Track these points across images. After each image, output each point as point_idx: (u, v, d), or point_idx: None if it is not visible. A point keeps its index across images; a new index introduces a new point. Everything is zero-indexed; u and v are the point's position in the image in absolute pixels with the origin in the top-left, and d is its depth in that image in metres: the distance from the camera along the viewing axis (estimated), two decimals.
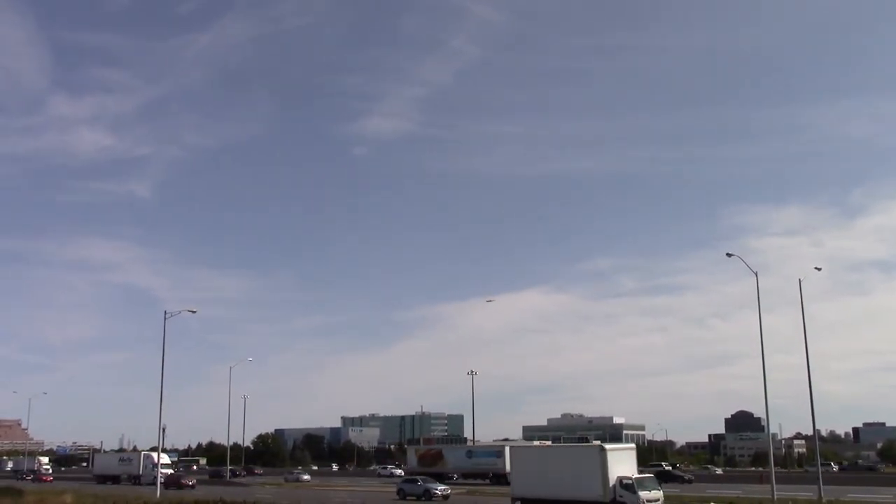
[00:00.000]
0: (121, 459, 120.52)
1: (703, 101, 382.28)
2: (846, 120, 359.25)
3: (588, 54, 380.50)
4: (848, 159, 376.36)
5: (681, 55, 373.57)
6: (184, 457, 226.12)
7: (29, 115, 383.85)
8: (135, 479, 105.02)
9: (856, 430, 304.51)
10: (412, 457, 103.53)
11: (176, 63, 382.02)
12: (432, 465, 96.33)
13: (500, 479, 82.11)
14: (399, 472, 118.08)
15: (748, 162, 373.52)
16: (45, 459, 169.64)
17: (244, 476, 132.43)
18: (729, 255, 58.26)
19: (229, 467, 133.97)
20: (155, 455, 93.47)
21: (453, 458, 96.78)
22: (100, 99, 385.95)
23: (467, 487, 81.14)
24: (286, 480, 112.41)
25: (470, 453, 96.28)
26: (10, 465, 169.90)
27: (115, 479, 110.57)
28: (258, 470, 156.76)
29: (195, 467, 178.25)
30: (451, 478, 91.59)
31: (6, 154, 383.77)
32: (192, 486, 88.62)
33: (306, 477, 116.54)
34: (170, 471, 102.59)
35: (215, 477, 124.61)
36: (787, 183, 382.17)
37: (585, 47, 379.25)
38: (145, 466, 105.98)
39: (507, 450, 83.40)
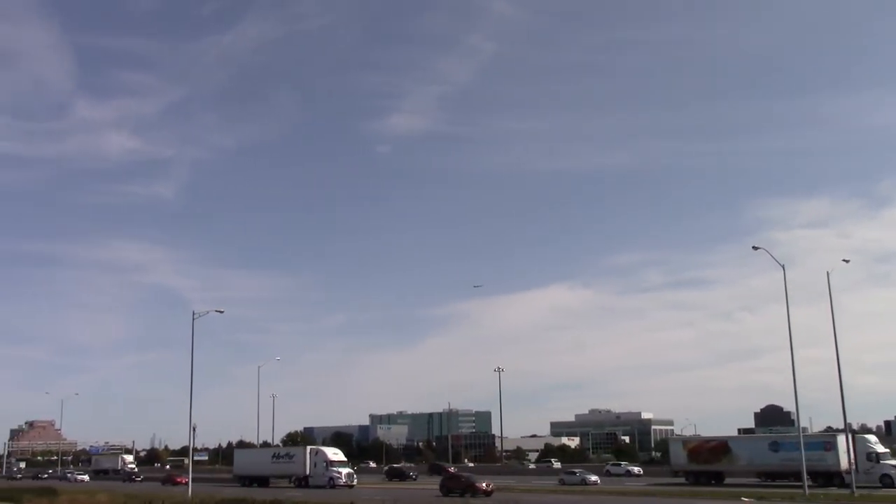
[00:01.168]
0: (276, 456, 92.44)
1: (725, 94, 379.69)
2: (871, 110, 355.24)
3: (607, 49, 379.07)
4: (873, 150, 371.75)
5: (702, 48, 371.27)
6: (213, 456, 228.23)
7: (56, 119, 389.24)
8: (300, 481, 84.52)
9: (888, 423, 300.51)
10: (678, 451, 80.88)
11: (198, 64, 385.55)
12: (711, 462, 77.04)
13: (830, 478, 65.71)
14: (636, 469, 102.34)
15: (772, 154, 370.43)
16: (130, 458, 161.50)
17: None
18: (755, 248, 57.98)
19: None
20: (328, 451, 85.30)
21: (746, 453, 75.17)
22: (124, 102, 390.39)
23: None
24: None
25: (776, 445, 73.01)
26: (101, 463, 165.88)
27: (262, 481, 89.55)
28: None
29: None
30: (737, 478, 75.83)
31: (34, 158, 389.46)
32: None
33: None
34: (346, 469, 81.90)
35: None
36: (812, 175, 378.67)
37: (604, 42, 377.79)
38: (314, 465, 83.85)
39: (839, 440, 66.65)
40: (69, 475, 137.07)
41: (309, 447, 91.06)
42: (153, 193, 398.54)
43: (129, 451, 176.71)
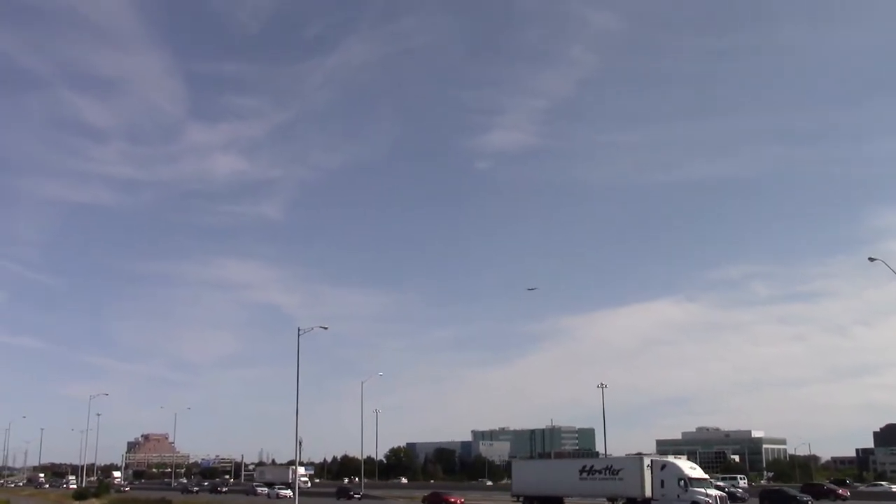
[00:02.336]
0: (588, 471, 66.29)
1: (837, 99, 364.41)
2: None
3: (709, 56, 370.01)
4: None
5: (809, 54, 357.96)
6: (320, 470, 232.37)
7: (168, 143, 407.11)
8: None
9: None
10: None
11: (303, 86, 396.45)
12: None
13: None
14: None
15: (889, 161, 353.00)
16: (302, 470, 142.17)
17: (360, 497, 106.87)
18: (871, 259, 55.47)
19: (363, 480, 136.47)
20: (683, 465, 62.80)
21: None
22: (233, 125, 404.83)
23: None
24: None
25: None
26: (266, 475, 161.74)
27: (557, 502, 70.29)
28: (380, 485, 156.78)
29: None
30: None
31: (149, 181, 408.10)
32: None
33: None
34: (715, 492, 59.89)
35: (342, 495, 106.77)
36: None
37: (706, 49, 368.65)
38: (661, 483, 60.12)
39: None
40: (260, 488, 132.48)
41: (648, 458, 66.19)
42: (260, 213, 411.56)
43: (303, 464, 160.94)
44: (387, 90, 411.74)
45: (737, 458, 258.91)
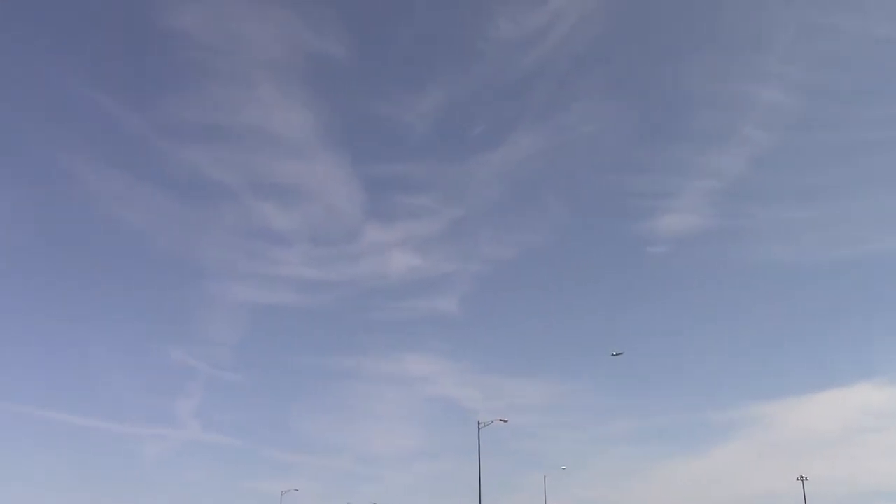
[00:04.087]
0: None
1: None
2: None
3: (890, 123, 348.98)
4: None
5: None
6: None
7: (348, 243, 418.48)
8: None
9: None
10: None
11: (472, 182, 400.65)
12: None
13: None
14: None
15: None
16: None
17: None
18: None
19: None
20: None
21: None
22: (407, 223, 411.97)
23: None
24: None
25: None
26: None
27: None
28: None
29: None
30: None
31: (332, 281, 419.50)
32: None
33: None
34: None
35: None
36: None
37: (887, 116, 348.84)
38: None
39: None
40: None
41: None
42: (436, 307, 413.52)
43: None
44: (554, 180, 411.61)
45: None
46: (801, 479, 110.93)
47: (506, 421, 74.34)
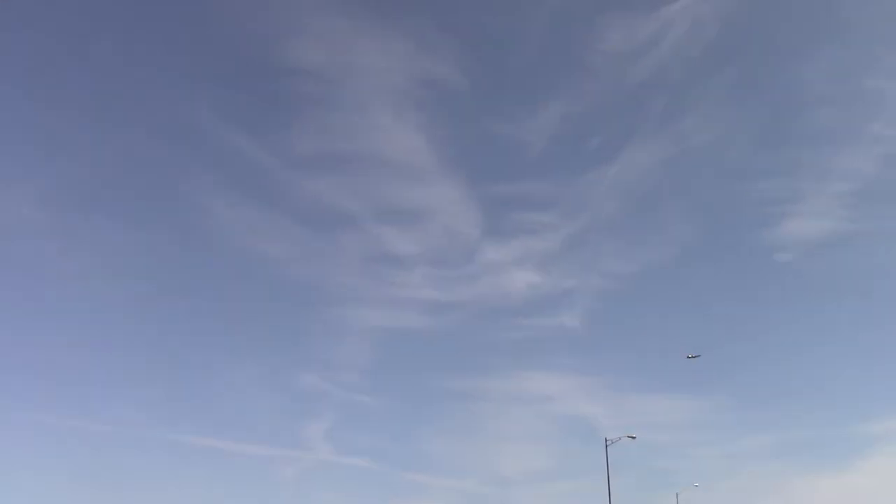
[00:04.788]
0: None
1: None
2: None
3: None
4: None
5: None
6: None
7: (467, 264, 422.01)
8: None
9: None
10: None
11: (590, 196, 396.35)
12: None
13: None
14: None
15: None
16: None
17: None
18: None
19: None
20: None
21: None
22: (525, 241, 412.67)
23: None
24: None
25: None
26: None
27: None
28: None
29: None
30: None
31: (454, 301, 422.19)
32: None
33: None
34: None
35: None
36: None
37: None
38: None
39: None
40: None
41: None
42: (558, 324, 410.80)
43: None
44: (673, 191, 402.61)
45: None
46: None
47: (634, 437, 72.86)
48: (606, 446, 70.68)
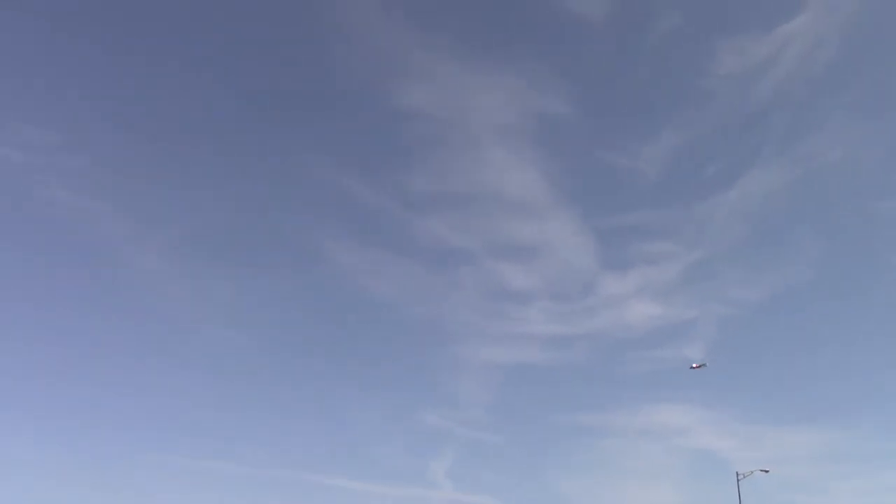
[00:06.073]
0: None
1: None
2: None
3: None
4: None
5: None
6: None
7: (586, 297, 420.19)
8: None
9: None
10: None
11: (710, 223, 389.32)
12: None
13: None
14: None
15: None
16: None
17: None
18: None
19: None
20: None
21: None
22: (643, 271, 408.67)
23: None
24: None
25: None
26: None
27: None
28: None
29: None
30: None
31: (574, 335, 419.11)
32: None
33: None
34: None
35: None
36: None
37: None
38: None
39: None
40: None
41: None
42: (682, 355, 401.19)
43: None
44: (802, 214, 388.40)
45: None
46: None
47: (767, 471, 70.20)
48: (738, 481, 68.51)
